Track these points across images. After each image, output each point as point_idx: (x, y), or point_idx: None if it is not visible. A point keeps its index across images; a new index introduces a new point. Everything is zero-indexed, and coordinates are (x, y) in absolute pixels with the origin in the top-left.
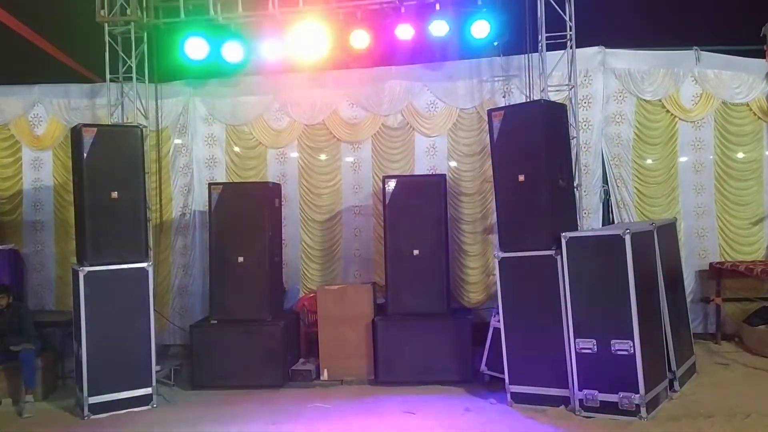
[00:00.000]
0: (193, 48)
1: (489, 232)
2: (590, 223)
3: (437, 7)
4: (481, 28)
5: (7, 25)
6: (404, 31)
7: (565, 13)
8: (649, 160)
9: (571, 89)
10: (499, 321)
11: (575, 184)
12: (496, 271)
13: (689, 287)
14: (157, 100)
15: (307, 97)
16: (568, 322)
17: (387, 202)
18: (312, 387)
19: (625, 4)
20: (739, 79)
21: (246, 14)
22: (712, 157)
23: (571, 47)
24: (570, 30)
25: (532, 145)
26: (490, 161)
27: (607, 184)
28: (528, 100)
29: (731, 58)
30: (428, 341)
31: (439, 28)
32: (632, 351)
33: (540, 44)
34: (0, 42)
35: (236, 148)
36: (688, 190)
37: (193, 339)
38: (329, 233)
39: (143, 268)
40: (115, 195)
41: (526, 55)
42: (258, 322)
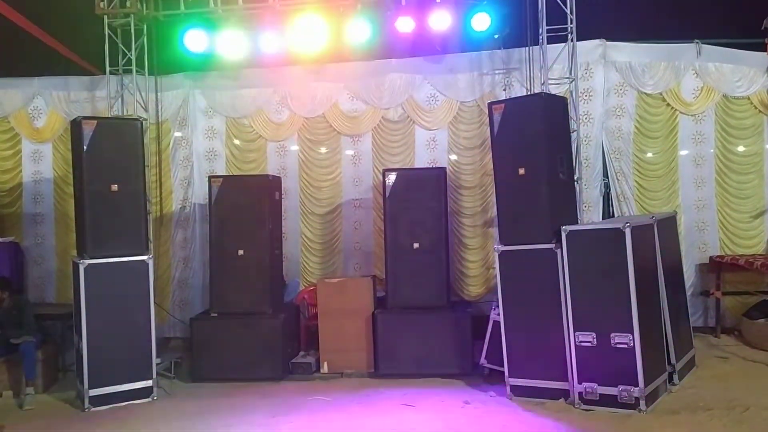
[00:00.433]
0: (193, 40)
1: (489, 225)
2: (590, 217)
3: (437, 0)
4: (482, 21)
5: (7, 17)
6: (405, 24)
7: (565, 6)
8: (650, 154)
9: (571, 82)
10: (499, 314)
11: (575, 178)
12: (496, 265)
13: (689, 281)
14: (157, 93)
15: (308, 90)
16: (567, 316)
17: (387, 195)
18: (312, 380)
19: None
20: (740, 73)
21: (246, 6)
22: (712, 150)
23: (572, 40)
24: (571, 23)
25: (533, 139)
26: (491, 154)
27: (608, 177)
28: (528, 94)
29: (732, 51)
30: (428, 334)
31: (440, 20)
32: (632, 344)
33: (541, 37)
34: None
35: (236, 141)
36: (689, 184)
37: (194, 332)
38: (329, 226)
39: (143, 261)
40: (115, 188)
41: (527, 48)
42: (258, 315)
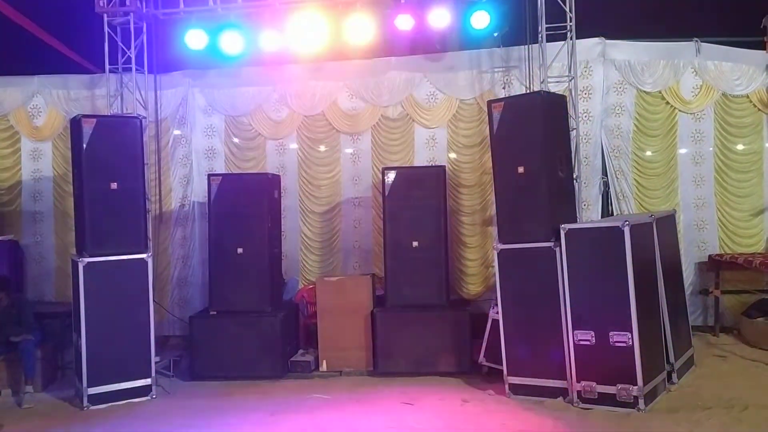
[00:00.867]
0: (193, 38)
1: (488, 223)
2: (589, 215)
3: None
4: (481, 19)
5: (6, 16)
6: (404, 22)
7: (565, 4)
8: (649, 152)
9: (571, 80)
10: (498, 312)
11: (575, 176)
12: (495, 263)
13: (688, 279)
14: (157, 91)
15: (307, 88)
16: (566, 314)
17: (386, 193)
18: (311, 378)
19: None
20: (739, 71)
21: (245, 5)
22: (711, 148)
23: (571, 38)
24: (570, 21)
25: (532, 137)
26: (490, 153)
27: (607, 175)
28: (528, 92)
29: (731, 49)
30: (427, 333)
31: (439, 18)
32: (630, 343)
33: (540, 35)
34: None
35: (235, 139)
36: (688, 182)
37: (193, 330)
38: (328, 225)
39: (143, 259)
40: (114, 186)
41: (527, 46)
42: (257, 313)
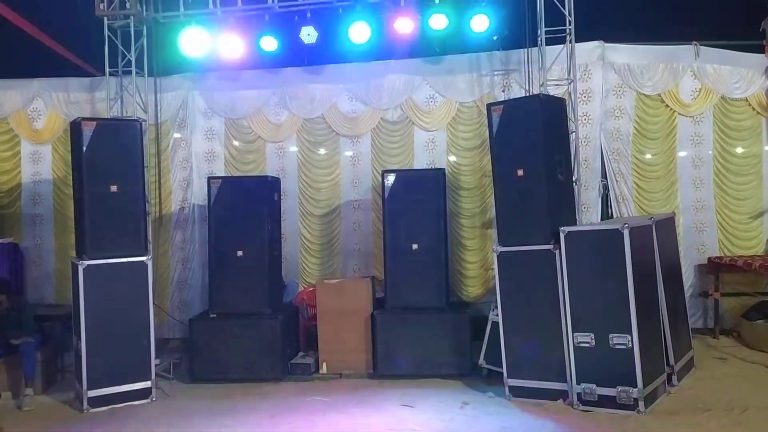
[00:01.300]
0: (193, 42)
1: (488, 226)
2: (589, 218)
3: (436, 1)
4: (481, 22)
5: (7, 19)
6: (404, 25)
7: (564, 8)
8: (649, 155)
9: (570, 84)
10: (498, 315)
11: (574, 179)
12: (495, 266)
13: (688, 282)
14: (157, 94)
15: (306, 91)
16: (566, 316)
17: (386, 196)
18: (311, 380)
19: None
20: (738, 74)
21: (245, 8)
22: (711, 151)
23: (571, 42)
24: (569, 24)
25: (531, 140)
26: (490, 155)
27: (606, 178)
28: (527, 95)
29: (730, 53)
30: (427, 335)
31: (439, 21)
32: (630, 345)
33: (539, 38)
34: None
35: (235, 142)
36: (688, 185)
37: (193, 332)
38: (328, 227)
39: (143, 262)
40: (114, 189)
41: (526, 50)
42: (257, 315)
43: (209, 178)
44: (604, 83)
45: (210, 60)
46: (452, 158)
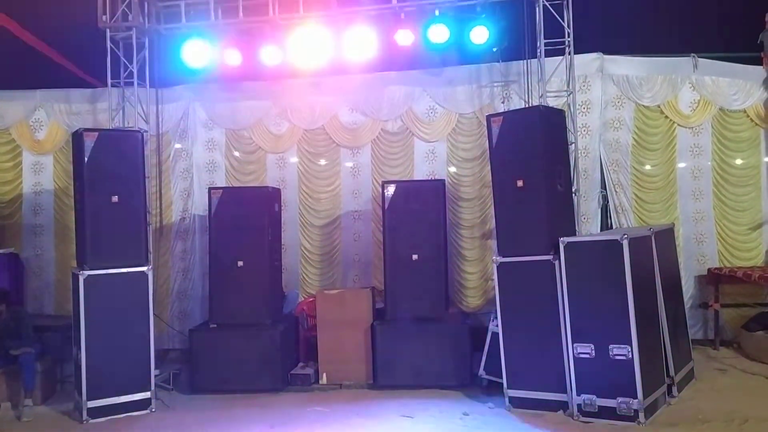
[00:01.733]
0: (194, 53)
1: (488, 237)
2: (589, 229)
3: (437, 13)
4: (481, 34)
5: (10, 31)
6: (404, 37)
7: (563, 20)
8: (648, 166)
9: (569, 95)
10: (498, 325)
11: (573, 190)
12: (495, 276)
13: (688, 293)
14: (158, 105)
15: (307, 103)
16: (566, 327)
17: (386, 207)
18: (311, 391)
19: (623, 11)
20: (736, 86)
21: (246, 20)
22: (710, 163)
23: (570, 53)
24: (568, 36)
25: (531, 151)
26: (489, 166)
27: (606, 189)
28: (527, 106)
29: (728, 65)
30: (427, 346)
31: (439, 33)
32: (630, 356)
33: (539, 50)
34: (2, 47)
35: (236, 153)
36: (687, 196)
37: (193, 343)
38: (328, 238)
39: (143, 272)
40: (115, 199)
41: (525, 61)
42: (257, 326)
43: (210, 189)
44: (603, 94)
45: (211, 71)
46: (452, 169)
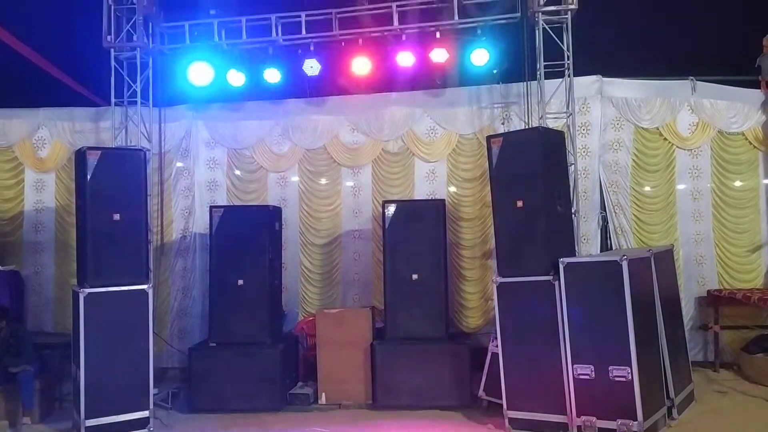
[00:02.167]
0: (198, 73)
1: (488, 256)
2: (588, 250)
3: (437, 35)
4: (481, 56)
5: (15, 49)
6: (405, 59)
7: (562, 43)
8: (648, 187)
9: (569, 116)
10: (498, 346)
11: (573, 211)
12: (495, 296)
13: (688, 314)
14: (161, 124)
15: (309, 122)
16: (565, 348)
17: (386, 226)
18: (310, 411)
19: (622, 35)
20: (734, 109)
21: (250, 41)
22: (709, 184)
23: (569, 76)
24: (568, 59)
25: (531, 172)
26: (489, 187)
27: (605, 210)
28: (526, 127)
29: (727, 88)
30: (426, 366)
31: (439, 55)
32: (630, 377)
33: (538, 72)
34: (7, 65)
35: (237, 172)
36: (687, 218)
37: (192, 362)
38: (329, 257)
39: (144, 290)
40: (117, 217)
41: (525, 83)
42: (257, 345)
43: (211, 207)
44: (603, 116)
45: (214, 91)
46: (452, 189)
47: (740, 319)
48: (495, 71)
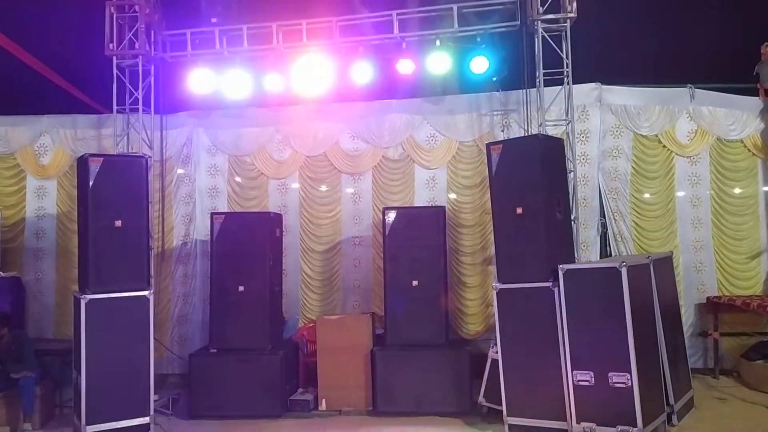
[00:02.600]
0: (199, 81)
1: (488, 263)
2: (588, 256)
3: (437, 43)
4: (480, 64)
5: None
6: (405, 66)
7: (561, 51)
8: (647, 194)
9: (568, 124)
10: (497, 352)
11: (573, 217)
12: (495, 303)
13: (688, 321)
14: (162, 131)
15: (309, 129)
16: (565, 354)
17: (387, 233)
18: (310, 417)
19: (621, 42)
20: (733, 116)
21: (251, 48)
22: (708, 191)
23: (568, 83)
24: (567, 67)
25: (530, 179)
26: (489, 193)
27: (605, 217)
28: (526, 134)
29: (725, 95)
30: (426, 372)
31: (439, 63)
32: (630, 384)
33: (538, 80)
34: (10, 73)
35: (238, 179)
36: (686, 224)
37: (192, 368)
38: (329, 263)
39: (144, 297)
40: (118, 223)
41: (525, 91)
42: (257, 351)
43: (212, 214)
44: (602, 124)
45: (215, 98)
46: (452, 196)
47: (740, 326)
48: (494, 79)
